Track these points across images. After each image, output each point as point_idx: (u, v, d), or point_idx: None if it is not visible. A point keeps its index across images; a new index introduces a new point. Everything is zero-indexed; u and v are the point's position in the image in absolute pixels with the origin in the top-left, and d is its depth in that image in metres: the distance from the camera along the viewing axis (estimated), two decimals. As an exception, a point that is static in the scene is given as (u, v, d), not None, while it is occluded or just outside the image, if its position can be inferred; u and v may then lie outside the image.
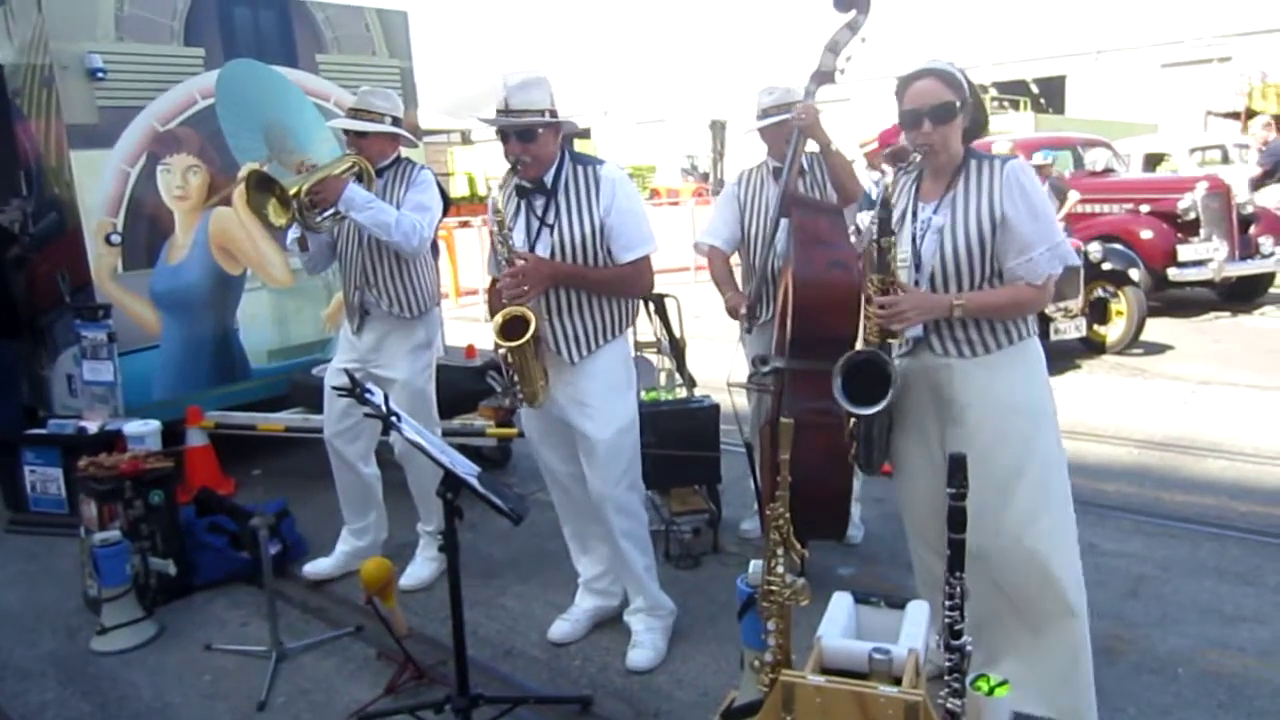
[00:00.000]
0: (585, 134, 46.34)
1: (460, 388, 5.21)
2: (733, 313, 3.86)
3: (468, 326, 9.42)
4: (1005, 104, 30.81)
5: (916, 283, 2.51)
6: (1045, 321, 6.95)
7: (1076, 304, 7.16)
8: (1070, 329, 7.13)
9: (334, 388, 3.63)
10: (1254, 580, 3.66)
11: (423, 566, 4.02)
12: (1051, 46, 39.02)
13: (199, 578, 4.00)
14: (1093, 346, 7.49)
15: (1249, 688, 2.95)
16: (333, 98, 5.86)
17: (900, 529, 2.99)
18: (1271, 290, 9.48)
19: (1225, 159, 13.44)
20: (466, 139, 31.71)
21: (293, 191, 3.56)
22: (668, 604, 3.40)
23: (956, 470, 1.98)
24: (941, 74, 2.46)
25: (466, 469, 2.62)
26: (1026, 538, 2.49)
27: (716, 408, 4.18)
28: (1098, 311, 7.51)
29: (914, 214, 2.57)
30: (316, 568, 4.09)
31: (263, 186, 3.61)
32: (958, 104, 2.44)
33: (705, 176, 32.96)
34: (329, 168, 3.70)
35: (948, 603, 2.00)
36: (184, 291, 5.34)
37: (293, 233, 3.75)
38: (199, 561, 4.01)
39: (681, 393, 4.58)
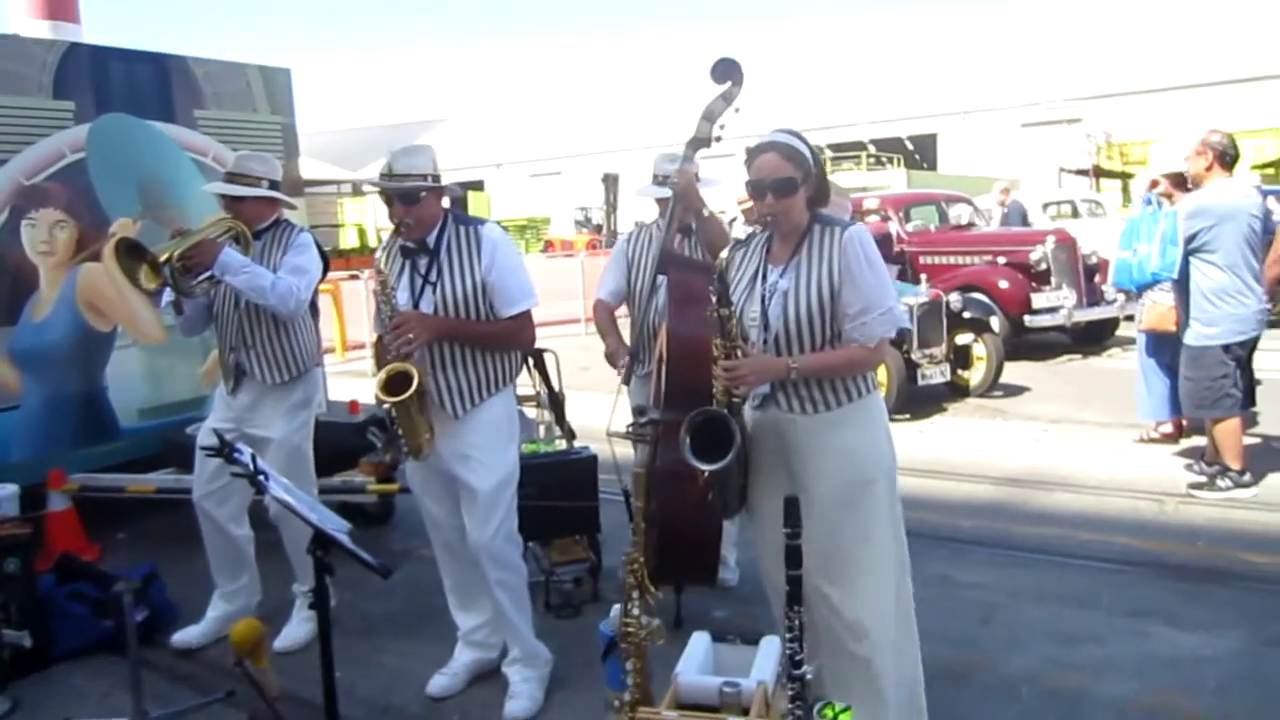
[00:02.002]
0: (478, 186, 46.46)
1: (342, 444, 5.18)
2: (611, 360, 4.04)
3: (353, 382, 9.31)
4: (883, 160, 32.40)
5: (765, 342, 2.66)
6: (912, 367, 7.36)
7: (941, 350, 7.60)
8: (936, 374, 7.55)
9: (202, 448, 3.59)
10: (1091, 604, 3.96)
11: (298, 627, 3.95)
12: (924, 107, 41.29)
13: (58, 648, 3.84)
14: (957, 390, 7.93)
15: (1085, 703, 3.20)
16: (211, 153, 5.80)
17: (774, 572, 3.13)
18: (1117, 334, 10.21)
19: (1075, 213, 14.49)
20: (357, 190, 31.33)
21: (164, 257, 3.53)
22: (544, 653, 3.46)
23: (791, 512, 2.13)
24: (784, 148, 2.63)
25: (336, 526, 2.65)
26: (861, 580, 2.62)
27: (594, 458, 4.29)
28: (961, 357, 7.96)
29: (764, 276, 2.72)
30: (186, 636, 3.96)
31: (133, 254, 3.57)
32: (799, 179, 2.61)
33: (599, 228, 33.44)
34: (204, 231, 3.69)
35: (787, 635, 2.13)
36: (48, 349, 5.16)
37: (168, 295, 3.72)
38: (58, 631, 3.85)
39: (561, 445, 4.67)
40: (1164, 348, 5.80)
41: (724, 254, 2.65)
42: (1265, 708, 3.15)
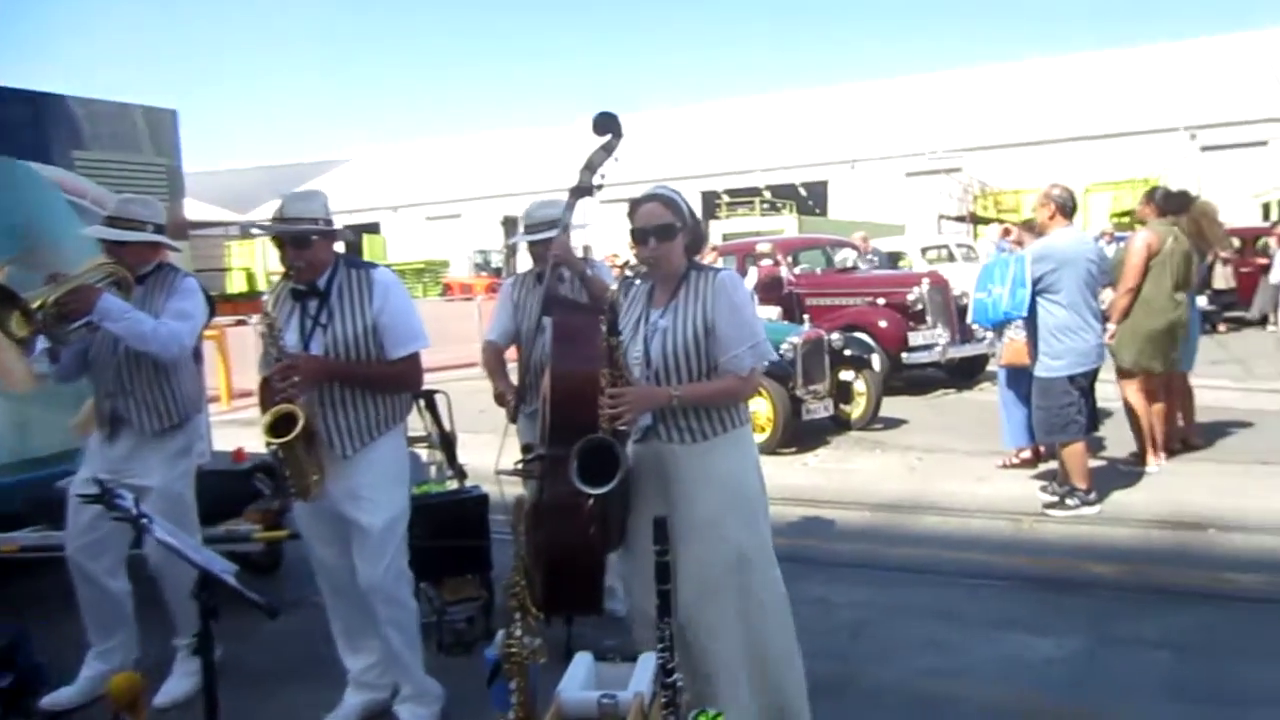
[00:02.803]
0: (374, 229, 45.94)
1: (226, 492, 5.10)
2: (499, 400, 4.17)
3: (239, 430, 9.11)
4: (777, 205, 33.45)
5: (646, 378, 2.87)
6: (797, 403, 7.69)
7: (824, 386, 7.97)
8: (820, 409, 7.90)
9: (80, 496, 3.52)
10: (956, 616, 4.25)
11: (179, 682, 3.80)
12: (816, 155, 42.91)
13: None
14: (840, 423, 8.30)
15: (946, 706, 3.46)
16: (90, 195, 5.69)
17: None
18: (988, 369, 10.82)
19: (951, 257, 15.35)
20: (245, 233, 30.57)
21: (37, 304, 3.43)
22: (436, 690, 3.51)
23: (660, 530, 2.30)
24: (665, 199, 2.90)
25: (221, 567, 2.69)
26: (740, 603, 2.81)
27: (485, 497, 4.39)
28: (843, 392, 8.35)
29: (647, 317, 2.95)
30: (57, 698, 3.76)
31: (3, 301, 3.45)
32: (678, 225, 2.86)
33: (498, 272, 33.40)
34: (82, 276, 3.59)
35: (659, 646, 2.29)
36: (-97, 402, 4.92)
37: (42, 342, 3.60)
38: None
39: (453, 485, 4.75)
40: (1020, 380, 6.25)
41: (615, 286, 2.87)
42: (1107, 698, 3.47)
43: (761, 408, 7.50)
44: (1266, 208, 21.03)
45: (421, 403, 4.78)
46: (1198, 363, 7.42)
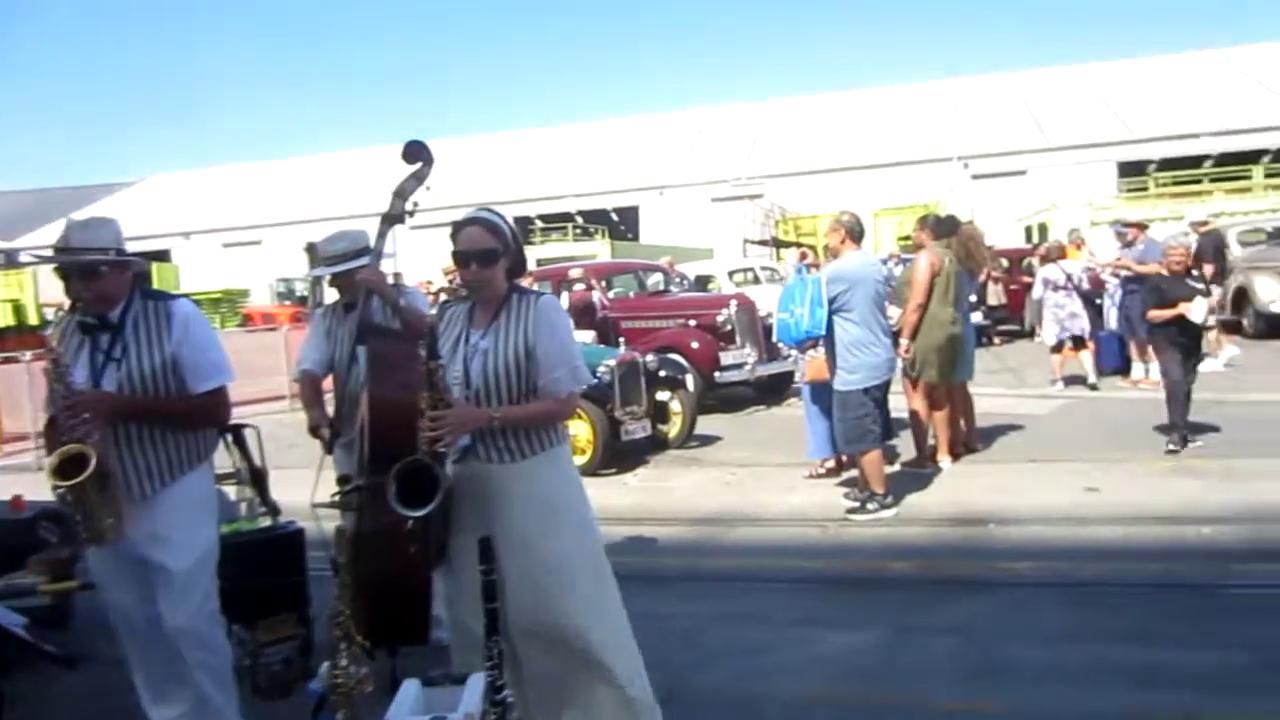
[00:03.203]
0: (164, 256, 42.94)
1: (5, 543, 4.69)
2: (314, 432, 4.05)
3: (15, 477, 8.33)
4: (589, 231, 33.92)
5: (466, 398, 2.89)
6: (615, 424, 7.85)
7: (641, 407, 8.17)
8: (638, 429, 8.10)
9: None
10: (769, 619, 4.49)
11: None
12: (627, 181, 43.86)
13: None
14: (657, 443, 8.52)
15: (759, 704, 3.65)
16: None
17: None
18: (794, 386, 11.43)
19: (757, 280, 16.10)
20: (12, 260, 27.89)
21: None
22: (253, 733, 3.37)
23: (485, 551, 2.34)
24: (487, 223, 2.93)
25: (9, 620, 2.50)
26: (574, 619, 2.88)
27: (300, 532, 4.24)
28: (660, 412, 8.59)
29: (467, 339, 2.97)
30: None
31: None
32: (500, 249, 2.90)
33: (303, 300, 31.99)
34: None
35: (488, 664, 2.32)
36: None
37: None
38: None
39: (265, 522, 4.56)
40: (822, 395, 6.67)
41: (434, 310, 2.87)
42: (906, 683, 3.77)
43: (581, 430, 7.61)
44: (1029, 230, 23.31)
45: (229, 438, 4.55)
46: (976, 373, 8.15)
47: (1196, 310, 6.87)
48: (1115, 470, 6.71)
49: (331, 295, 4.43)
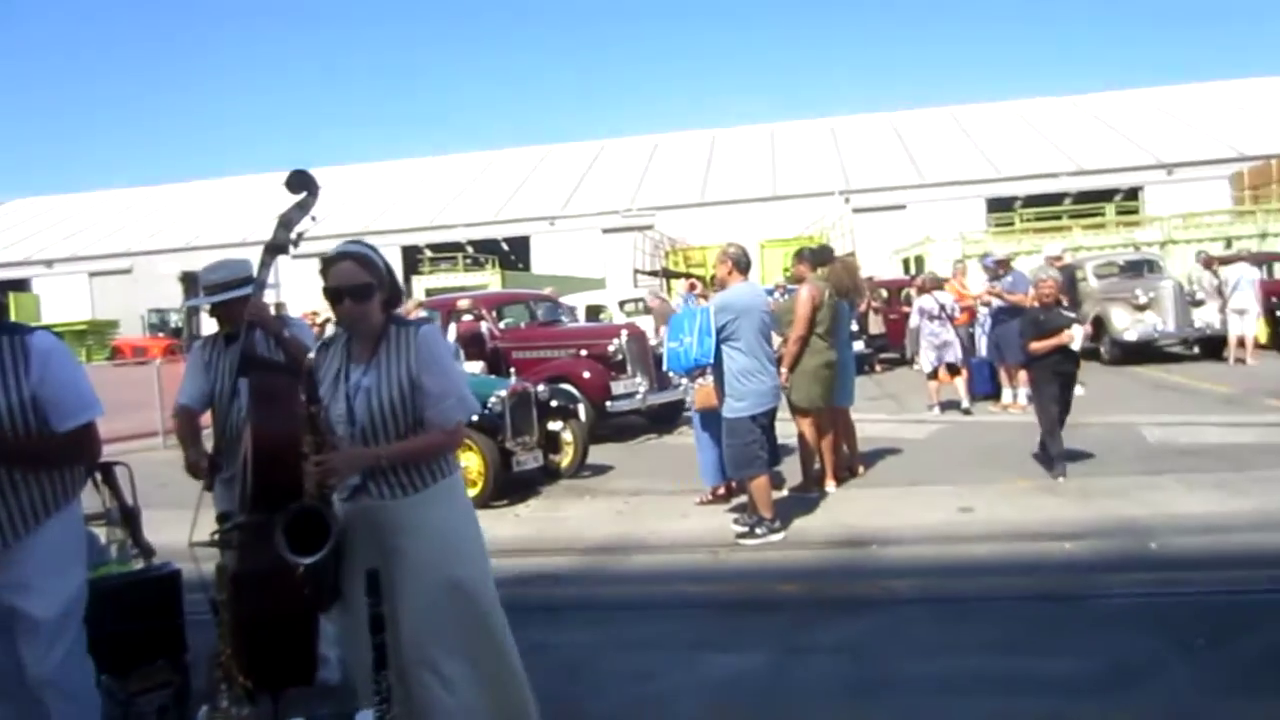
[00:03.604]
0: (22, 286, 40.50)
1: None
2: (193, 470, 3.90)
3: None
4: (480, 261, 33.68)
5: (352, 436, 2.85)
6: (507, 455, 7.80)
7: (533, 438, 8.15)
8: (530, 460, 8.07)
9: None
10: (660, 645, 4.54)
11: None
12: (517, 211, 43.83)
13: None
14: (549, 473, 8.50)
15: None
16: None
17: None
18: (685, 414, 11.59)
19: (647, 310, 16.26)
20: None
21: None
22: (124, 785, 3.21)
23: (372, 583, 2.32)
24: (358, 257, 2.89)
25: None
26: (466, 651, 2.87)
27: (175, 574, 4.07)
28: (551, 443, 8.58)
29: (346, 375, 2.92)
30: None
31: None
32: (374, 283, 2.87)
33: (177, 332, 30.69)
34: None
35: (376, 698, 2.30)
36: None
37: None
38: None
39: (138, 564, 4.36)
40: (712, 423, 6.80)
41: (311, 355, 2.82)
42: (792, 702, 3.87)
43: (471, 462, 7.54)
44: (906, 263, 24.33)
45: (98, 476, 4.34)
46: (858, 399, 8.46)
47: (1076, 337, 7.19)
48: (986, 490, 7.06)
49: (210, 326, 4.31)
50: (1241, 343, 13.97)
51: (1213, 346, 14.89)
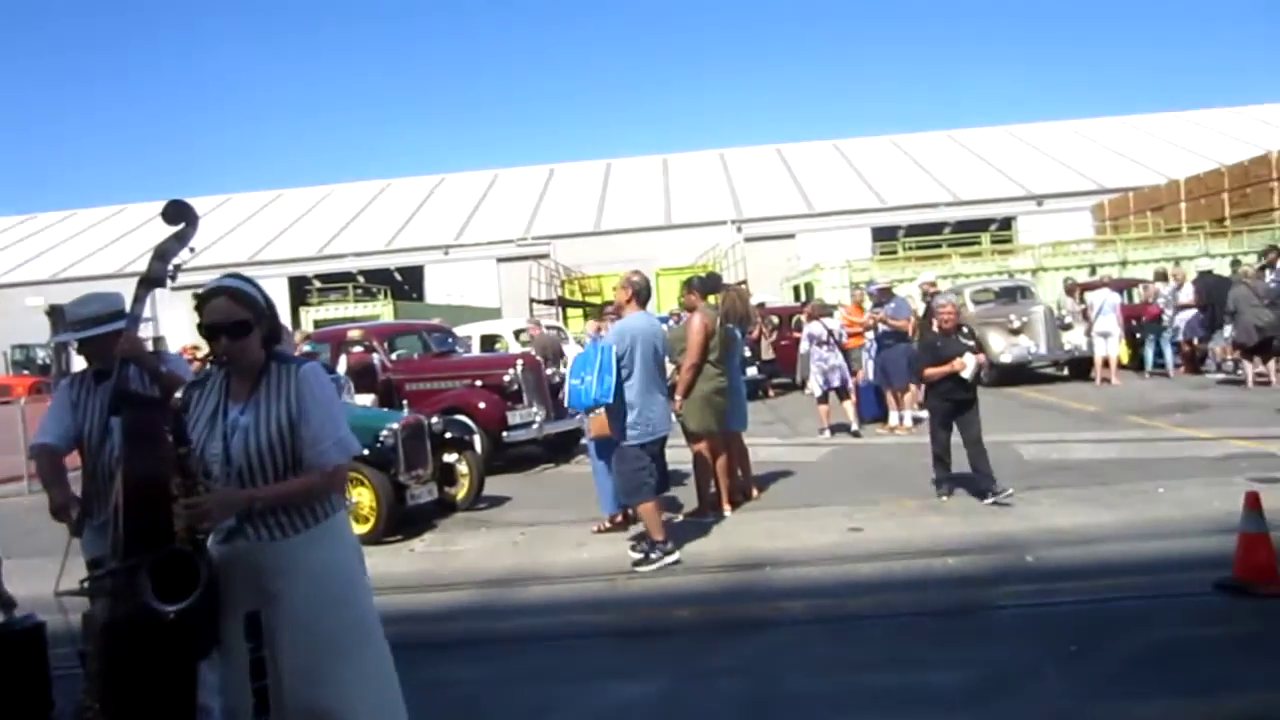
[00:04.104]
0: None
1: None
2: (59, 514, 3.68)
3: None
4: (372, 291, 33.01)
5: (229, 476, 2.73)
6: (400, 489, 7.64)
7: (427, 471, 8.01)
8: (424, 493, 7.93)
9: None
10: (558, 677, 4.51)
11: None
12: (409, 240, 43.22)
13: None
14: (445, 506, 8.36)
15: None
16: None
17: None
18: (582, 443, 11.59)
19: (540, 338, 16.23)
20: None
21: None
22: None
23: (252, 628, 2.24)
24: (235, 292, 2.78)
25: None
26: (347, 697, 2.78)
27: (40, 627, 3.85)
28: (447, 475, 8.45)
29: (224, 413, 2.81)
30: None
31: None
32: (252, 320, 2.77)
33: (45, 369, 28.99)
34: None
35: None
36: None
37: None
38: None
39: (-1, 616, 4.10)
40: (608, 450, 6.83)
41: (179, 394, 2.71)
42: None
43: (363, 497, 7.37)
44: (796, 290, 24.99)
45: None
46: (751, 424, 8.62)
47: (969, 366, 7.25)
48: (874, 510, 7.28)
49: (79, 363, 4.10)
50: (1106, 363, 14.84)
51: (1080, 367, 15.77)
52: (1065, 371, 16.44)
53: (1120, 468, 8.26)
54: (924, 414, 12.22)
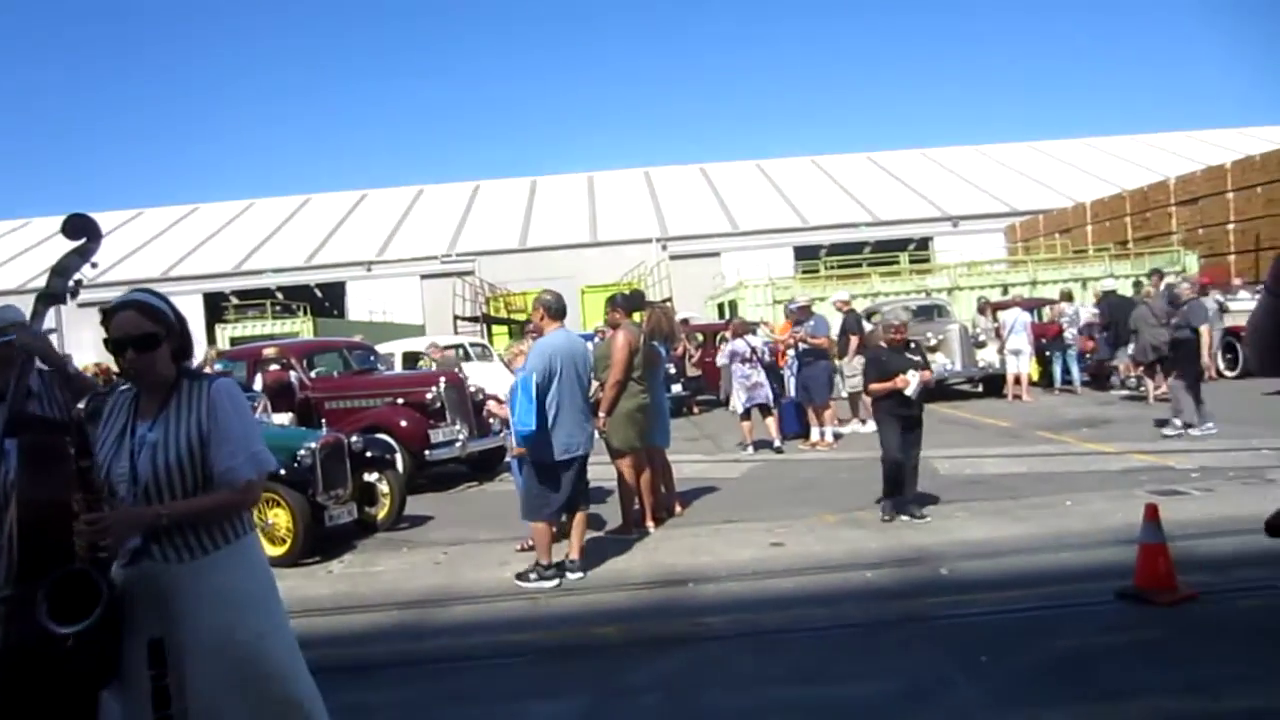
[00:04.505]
0: None
1: None
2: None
3: None
4: (292, 308, 32.27)
5: (135, 495, 2.65)
6: (319, 509, 7.48)
7: (346, 490, 7.85)
8: (343, 514, 7.77)
9: None
10: (477, 698, 4.47)
11: None
12: (331, 256, 42.42)
13: None
14: (365, 526, 8.21)
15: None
16: None
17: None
18: (506, 459, 11.50)
19: (467, 356, 16.11)
20: None
21: None
22: None
23: (156, 654, 2.17)
24: (143, 305, 2.72)
25: None
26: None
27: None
28: (367, 495, 8.30)
29: (132, 431, 2.73)
30: None
31: None
32: (161, 334, 2.71)
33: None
34: None
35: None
36: None
37: None
38: None
39: None
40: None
41: (82, 404, 2.62)
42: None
43: (280, 518, 7.19)
44: (720, 307, 25.27)
45: None
46: (676, 441, 8.67)
47: (912, 383, 7.04)
48: (796, 525, 7.39)
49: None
50: (1018, 380, 15.35)
51: (994, 384, 16.27)
52: (980, 388, 16.94)
53: (1030, 481, 8.55)
54: (845, 430, 12.54)
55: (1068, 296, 17.70)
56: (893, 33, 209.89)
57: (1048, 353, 16.67)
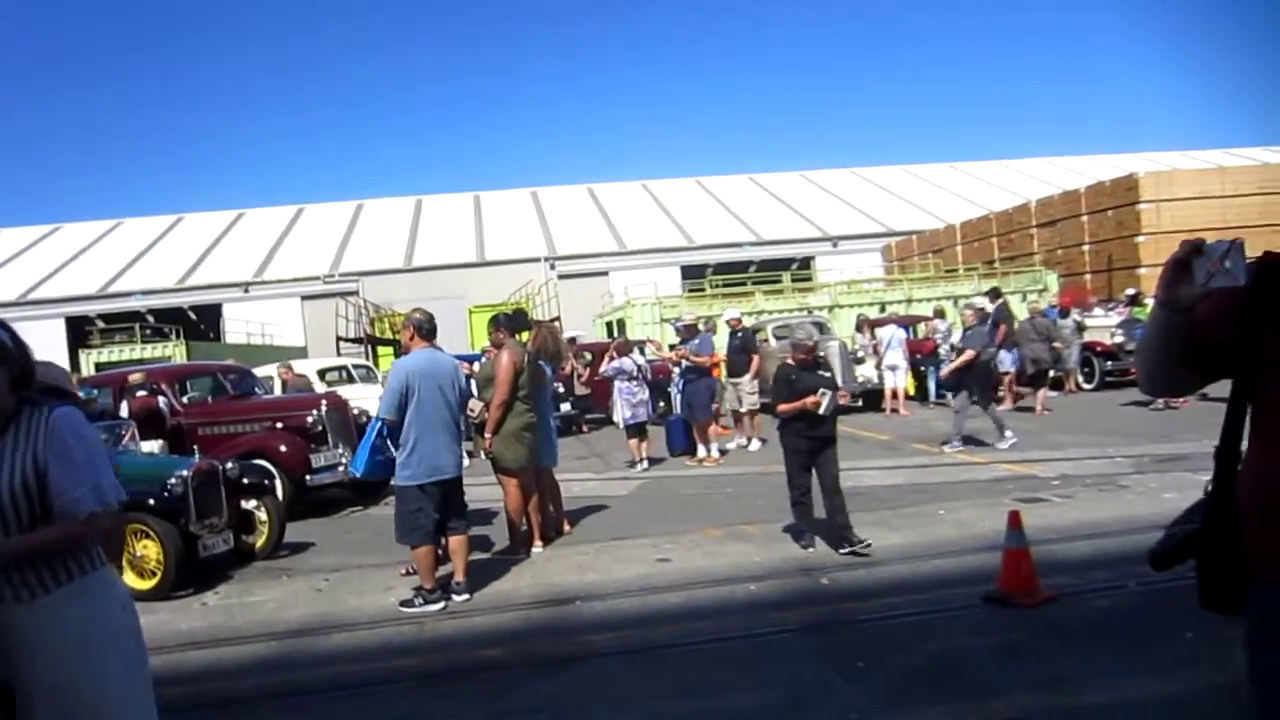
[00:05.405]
0: None
1: None
2: None
3: None
4: (164, 331, 30.82)
5: None
6: (191, 540, 7.17)
7: (221, 519, 7.56)
8: (218, 543, 7.47)
9: None
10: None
11: None
12: (205, 277, 40.80)
13: None
14: (243, 555, 7.91)
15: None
16: None
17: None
18: (391, 483, 11.23)
19: (350, 378, 15.73)
20: None
21: None
22: None
23: (3, 699, 2.06)
24: None
25: None
26: None
27: None
28: (244, 523, 8.01)
29: None
30: None
31: None
32: None
33: None
34: None
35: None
36: None
37: None
38: None
39: None
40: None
41: None
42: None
43: (149, 550, 6.87)
44: (609, 326, 25.42)
45: None
46: (564, 459, 8.67)
47: (824, 402, 6.65)
48: (682, 540, 7.49)
49: None
50: (895, 395, 15.94)
51: (872, 399, 16.86)
52: (859, 403, 17.52)
53: (906, 492, 8.90)
54: (730, 445, 12.78)
55: (940, 313, 18.50)
56: (773, 58, 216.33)
57: (922, 368, 17.38)
